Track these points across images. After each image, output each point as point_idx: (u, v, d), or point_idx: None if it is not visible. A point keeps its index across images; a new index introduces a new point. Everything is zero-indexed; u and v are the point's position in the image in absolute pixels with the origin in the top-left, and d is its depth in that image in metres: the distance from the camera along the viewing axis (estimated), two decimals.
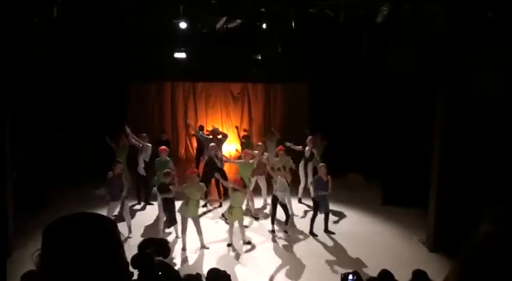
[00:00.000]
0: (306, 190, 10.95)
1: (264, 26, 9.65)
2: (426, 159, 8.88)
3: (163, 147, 10.02)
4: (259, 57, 11.74)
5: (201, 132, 12.57)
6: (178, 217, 8.36)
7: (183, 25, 9.43)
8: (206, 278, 4.97)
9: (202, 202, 9.92)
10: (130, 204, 9.48)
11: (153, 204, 10.19)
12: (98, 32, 10.91)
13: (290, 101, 15.15)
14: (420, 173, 9.39)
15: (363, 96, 12.40)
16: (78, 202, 9.85)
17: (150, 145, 10.53)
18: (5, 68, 7.70)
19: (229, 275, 5.37)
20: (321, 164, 9.28)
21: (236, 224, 8.40)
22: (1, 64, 7.61)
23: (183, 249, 8.20)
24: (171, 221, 8.43)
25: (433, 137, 8.44)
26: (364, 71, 11.92)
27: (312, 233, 9.03)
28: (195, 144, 15.09)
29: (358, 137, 12.62)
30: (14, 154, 8.18)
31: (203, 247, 8.30)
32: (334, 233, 9.07)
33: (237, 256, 8.12)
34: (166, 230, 8.81)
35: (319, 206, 8.97)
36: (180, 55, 11.45)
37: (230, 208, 8.39)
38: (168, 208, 8.37)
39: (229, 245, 8.39)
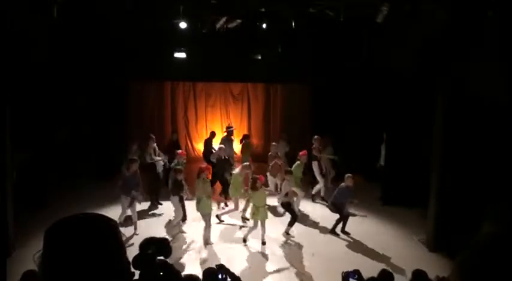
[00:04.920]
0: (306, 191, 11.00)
1: (264, 26, 9.65)
2: (426, 159, 8.88)
3: (182, 151, 10.24)
4: (259, 57, 11.73)
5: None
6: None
7: (183, 25, 9.43)
8: (202, 278, 4.95)
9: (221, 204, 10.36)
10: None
11: (161, 204, 10.40)
12: (98, 32, 10.92)
13: (290, 101, 15.13)
14: (420, 173, 9.40)
15: (362, 97, 12.40)
16: (78, 202, 9.83)
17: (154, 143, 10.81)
18: (5, 68, 7.70)
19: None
20: (348, 175, 9.19)
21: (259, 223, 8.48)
22: (1, 64, 7.61)
23: (208, 243, 8.45)
24: (183, 218, 8.65)
25: (433, 137, 8.44)
26: (364, 71, 11.91)
27: (343, 232, 9.17)
28: (195, 145, 15.11)
29: (358, 137, 12.62)
30: (14, 154, 8.18)
31: (206, 242, 8.42)
32: (349, 234, 9.13)
33: (239, 256, 8.13)
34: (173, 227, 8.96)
35: (343, 209, 9.08)
36: (180, 55, 11.45)
37: (255, 207, 8.40)
38: (182, 205, 8.58)
39: (244, 240, 8.55)
